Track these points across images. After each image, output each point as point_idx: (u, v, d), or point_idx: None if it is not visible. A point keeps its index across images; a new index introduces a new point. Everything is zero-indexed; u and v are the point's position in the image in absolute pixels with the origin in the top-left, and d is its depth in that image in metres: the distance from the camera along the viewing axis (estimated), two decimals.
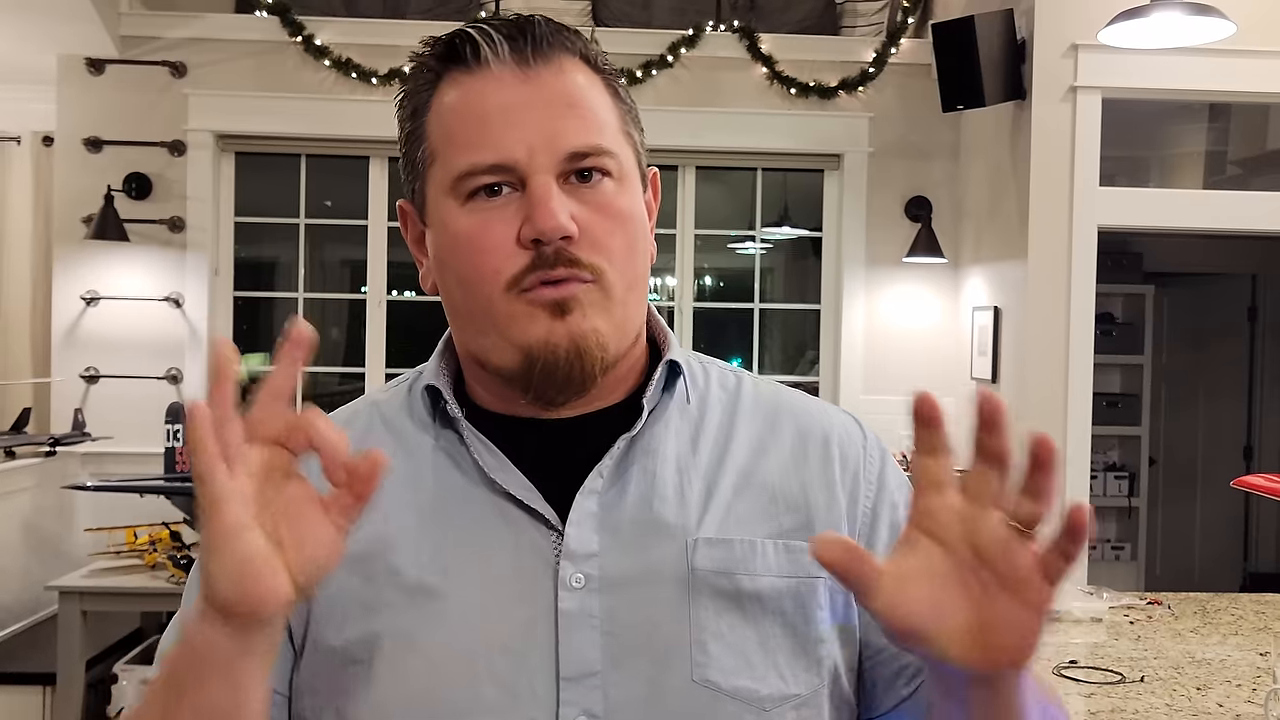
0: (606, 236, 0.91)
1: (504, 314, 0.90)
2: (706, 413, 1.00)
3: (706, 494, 0.95)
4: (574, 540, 0.91)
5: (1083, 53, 4.07)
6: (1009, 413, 0.74)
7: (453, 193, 0.91)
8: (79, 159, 4.74)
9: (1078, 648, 2.63)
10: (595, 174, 0.92)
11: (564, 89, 0.92)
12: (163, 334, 4.78)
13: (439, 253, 0.94)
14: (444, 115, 0.93)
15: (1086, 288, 4.16)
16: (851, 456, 1.01)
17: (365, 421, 1.01)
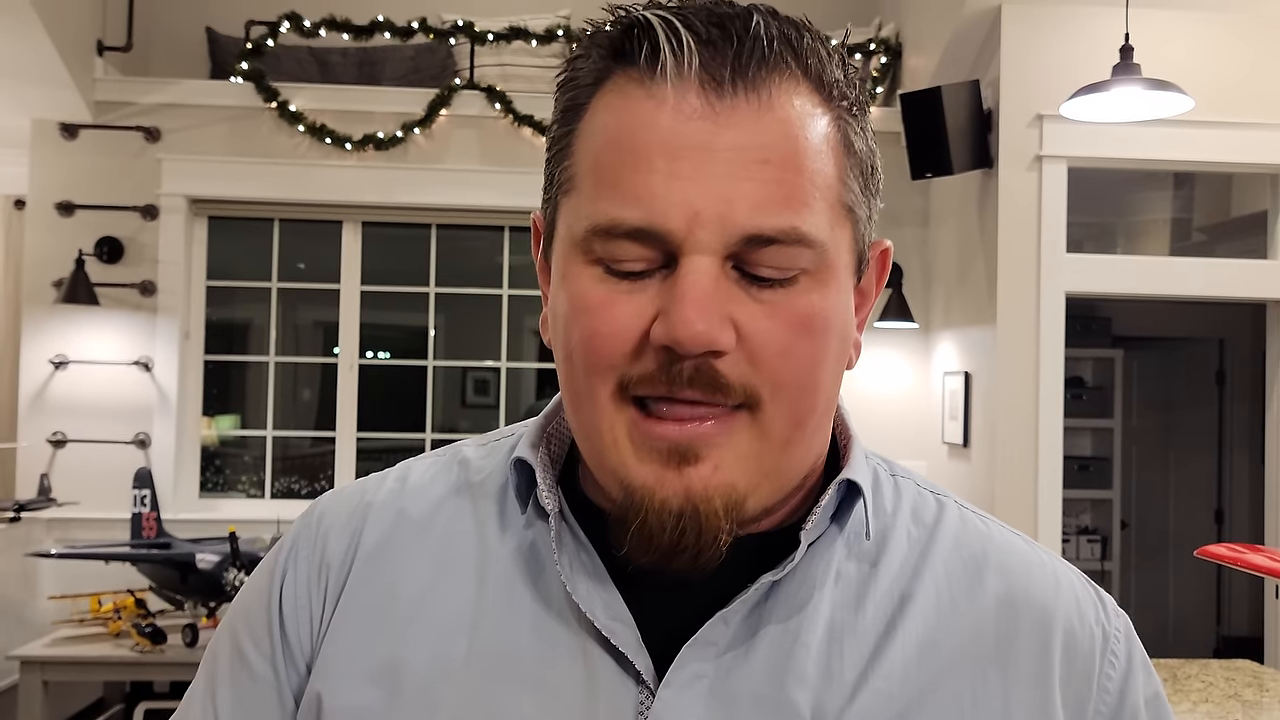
0: (777, 355, 0.65)
1: (608, 427, 0.66)
2: (885, 554, 0.73)
3: (862, 673, 0.69)
4: (669, 709, 0.66)
5: (1047, 123, 4.14)
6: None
7: (580, 246, 0.67)
8: (50, 223, 4.73)
9: None
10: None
11: (765, 134, 0.64)
12: (132, 398, 4.74)
13: (555, 308, 0.70)
14: (595, 134, 0.67)
15: (1055, 352, 4.19)
16: (1084, 649, 0.72)
17: (445, 488, 0.78)
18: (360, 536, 0.76)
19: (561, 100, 0.71)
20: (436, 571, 0.73)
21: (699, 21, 0.64)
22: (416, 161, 4.86)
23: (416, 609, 0.72)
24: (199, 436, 4.96)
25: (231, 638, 0.78)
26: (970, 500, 0.69)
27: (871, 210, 0.72)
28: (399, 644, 0.71)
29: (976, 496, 4.39)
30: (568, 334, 0.67)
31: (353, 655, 0.72)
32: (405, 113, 4.85)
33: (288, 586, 0.76)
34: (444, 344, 5.22)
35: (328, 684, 0.72)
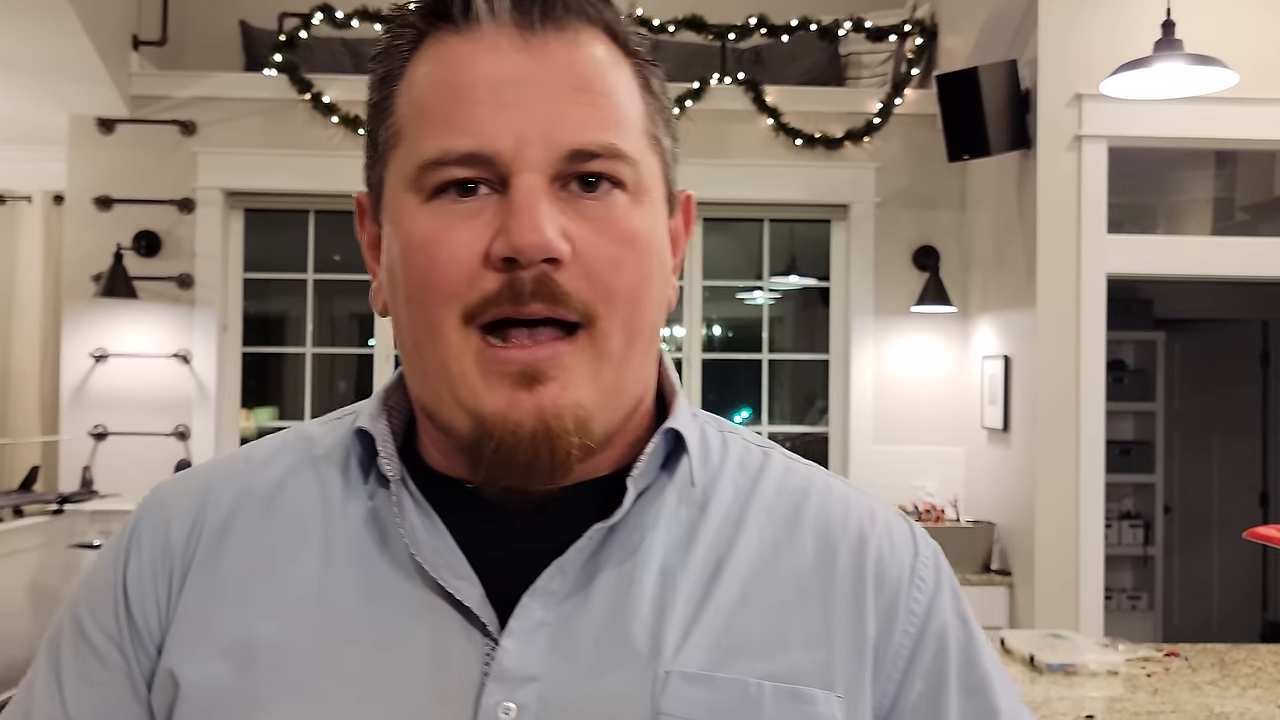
0: (609, 267, 0.69)
1: (455, 360, 0.69)
2: (713, 499, 0.77)
3: (694, 610, 0.72)
4: (511, 656, 0.69)
5: (1087, 102, 4.08)
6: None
7: (415, 185, 0.70)
8: (89, 217, 4.77)
9: (1095, 702, 2.59)
10: (604, 182, 0.70)
11: (576, 65, 0.70)
12: (171, 390, 4.78)
13: (389, 261, 0.73)
14: (417, 85, 0.71)
15: (1097, 335, 4.14)
16: (893, 575, 0.77)
17: (286, 466, 0.80)
18: (203, 516, 0.77)
19: (379, 70, 0.74)
20: (282, 545, 0.75)
21: None
22: None
23: (265, 583, 0.74)
24: (238, 428, 4.99)
25: (75, 625, 0.78)
26: (1012, 485, 0.67)
27: (674, 151, 0.77)
28: (249, 618, 0.73)
29: (1017, 482, 4.35)
30: (406, 276, 0.70)
31: (204, 632, 0.73)
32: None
33: (131, 572, 0.77)
34: None
35: (181, 662, 0.73)
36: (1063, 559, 4.13)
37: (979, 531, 4.55)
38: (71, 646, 0.77)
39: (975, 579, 4.45)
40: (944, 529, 4.56)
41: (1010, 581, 4.43)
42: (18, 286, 5.28)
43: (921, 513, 4.68)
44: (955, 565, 4.41)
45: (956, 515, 4.70)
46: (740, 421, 5.27)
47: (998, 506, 4.58)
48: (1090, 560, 4.13)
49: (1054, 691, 2.69)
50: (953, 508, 4.74)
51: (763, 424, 5.18)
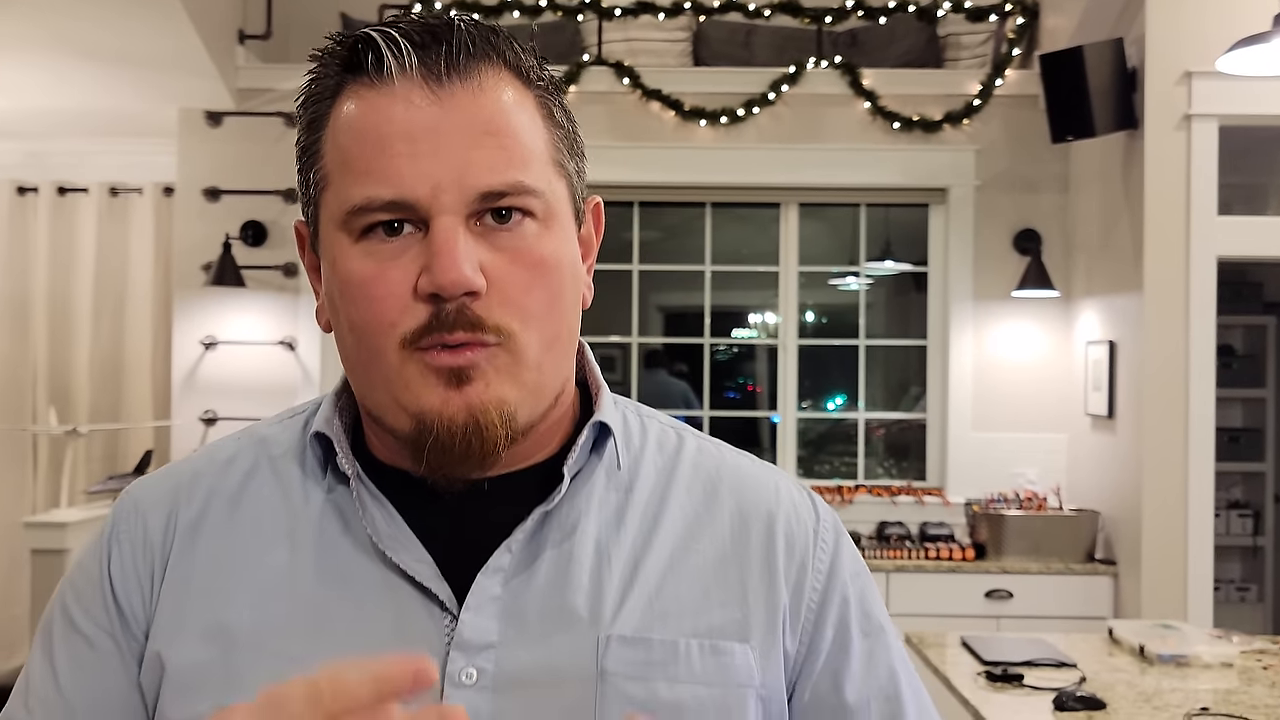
0: (521, 292, 0.77)
1: (397, 373, 0.77)
2: (638, 481, 0.87)
3: (627, 581, 0.82)
4: (469, 628, 0.78)
5: (1197, 80, 3.98)
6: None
7: (344, 227, 0.77)
8: (198, 208, 4.91)
9: (1208, 694, 2.53)
10: (515, 213, 0.78)
11: (482, 112, 0.77)
12: (277, 377, 4.90)
13: (330, 292, 0.81)
14: (341, 134, 0.78)
15: (1206, 319, 4.03)
16: (800, 542, 0.87)
17: (248, 465, 0.88)
18: (176, 515, 0.86)
19: (305, 115, 0.81)
20: (250, 539, 0.84)
21: (413, 31, 0.77)
22: None
23: (237, 575, 0.82)
24: None
25: (65, 617, 0.86)
26: (1117, 473, 0.70)
27: (580, 169, 0.85)
28: (225, 606, 0.81)
29: (1122, 469, 4.26)
30: (348, 309, 0.78)
31: (185, 619, 0.81)
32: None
33: (114, 565, 0.85)
34: None
35: (166, 645, 0.81)
36: (1170, 549, 4.05)
37: (1082, 520, 4.47)
38: (62, 636, 0.85)
39: (1078, 568, 4.37)
40: (1045, 517, 4.49)
41: (1115, 571, 4.35)
42: (130, 276, 5.45)
43: (1022, 501, 4.61)
44: (1058, 554, 4.35)
45: (1059, 503, 4.62)
46: (834, 408, 5.26)
47: (1102, 495, 4.50)
48: (1199, 550, 4.04)
49: (1165, 683, 2.64)
50: (1055, 496, 4.66)
51: (859, 411, 5.14)
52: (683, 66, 5.06)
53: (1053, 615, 4.27)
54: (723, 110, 4.87)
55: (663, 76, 4.89)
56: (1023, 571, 4.38)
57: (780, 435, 5.10)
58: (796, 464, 5.10)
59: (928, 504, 4.84)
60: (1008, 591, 4.36)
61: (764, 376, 5.36)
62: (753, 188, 5.03)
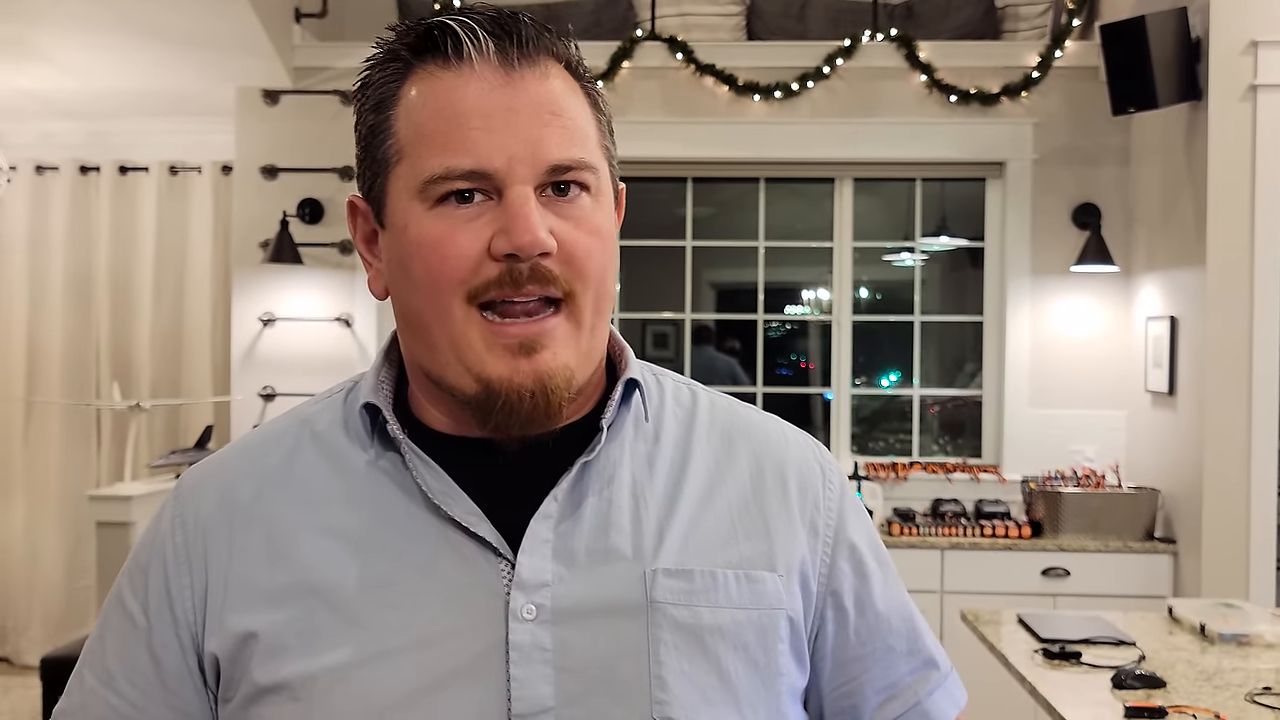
0: (584, 256, 0.86)
1: (461, 334, 0.85)
2: (662, 431, 0.96)
3: (663, 521, 0.91)
4: (526, 569, 0.86)
5: (1264, 49, 3.89)
6: None
7: (420, 195, 0.85)
8: (255, 186, 4.96)
9: (1271, 674, 2.50)
10: (574, 188, 0.87)
11: (548, 95, 0.86)
12: (334, 353, 4.95)
13: (397, 256, 0.88)
14: (415, 111, 0.86)
15: (1271, 294, 3.96)
16: (811, 486, 0.98)
17: (292, 442, 0.94)
18: (231, 494, 0.92)
19: (370, 97, 0.89)
20: (308, 507, 0.90)
21: (486, 21, 0.85)
22: None
23: (302, 540, 0.89)
24: None
25: (118, 597, 0.94)
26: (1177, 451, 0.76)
27: (615, 156, 0.93)
28: (295, 571, 0.87)
29: (1183, 447, 4.20)
30: (417, 266, 0.85)
31: (254, 589, 0.88)
32: (588, 66, 4.87)
33: (170, 551, 0.92)
34: (625, 297, 5.26)
35: (238, 617, 0.87)
36: (1232, 528, 3.99)
37: (1142, 498, 4.42)
38: (116, 614, 0.93)
39: (1137, 546, 4.32)
40: (1104, 495, 4.44)
41: (1175, 550, 4.29)
42: (189, 254, 5.54)
43: (1080, 478, 4.56)
44: (1116, 533, 4.31)
45: (1118, 481, 4.56)
46: (888, 385, 5.22)
47: (1161, 473, 4.44)
48: (1262, 529, 3.98)
49: (1227, 662, 2.61)
50: (1113, 473, 4.60)
51: (914, 387, 5.10)
52: (736, 41, 5.03)
53: (1111, 594, 4.23)
54: (776, 84, 4.84)
55: (716, 51, 4.86)
56: (1080, 550, 4.33)
57: (834, 412, 5.08)
58: (850, 440, 5.07)
59: (983, 481, 4.80)
60: (1064, 570, 4.32)
61: (817, 353, 5.34)
62: (807, 163, 5.00)
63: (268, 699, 0.85)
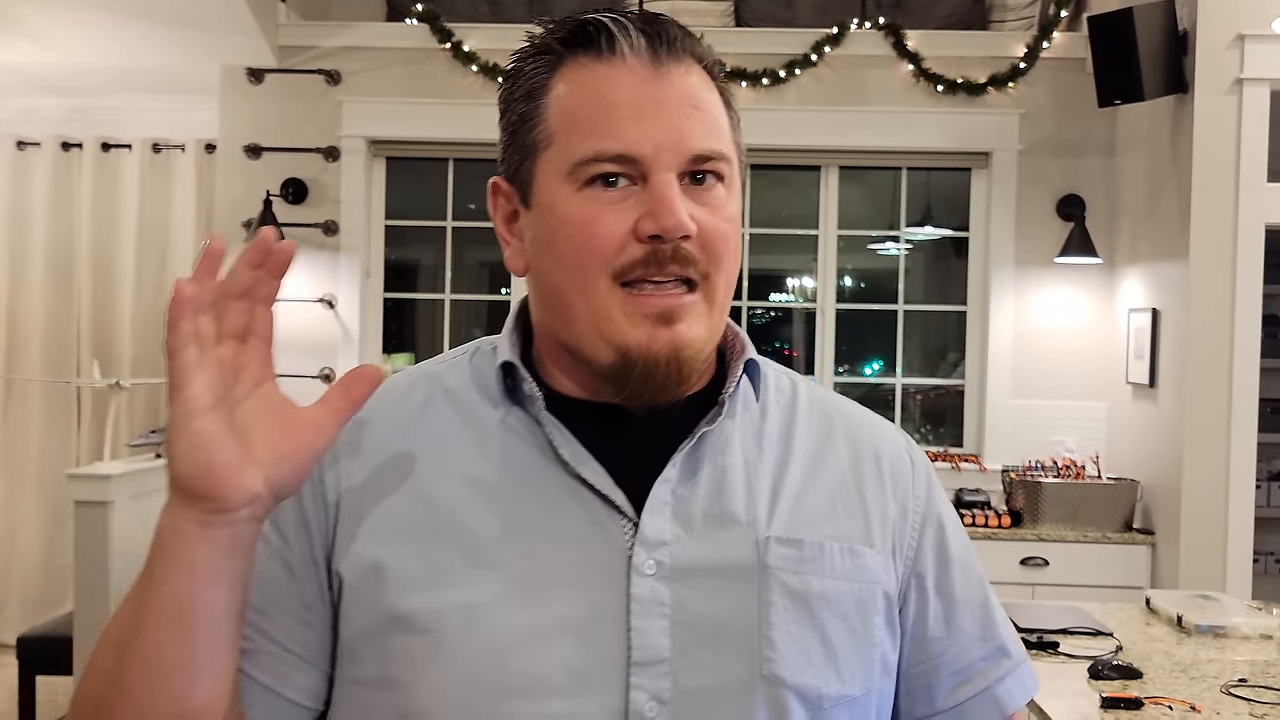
0: (720, 241, 0.92)
1: (603, 307, 0.90)
2: (767, 412, 1.02)
3: (774, 493, 0.96)
4: (649, 528, 0.91)
5: (1250, 43, 3.90)
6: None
7: (569, 177, 0.90)
8: (239, 165, 4.93)
9: (1246, 666, 2.52)
10: (710, 178, 0.92)
11: (691, 90, 0.92)
12: (317, 334, 4.93)
13: (543, 234, 0.93)
14: (567, 99, 0.92)
15: (1253, 288, 3.98)
16: (902, 472, 1.04)
17: (424, 394, 0.99)
18: (366, 431, 0.96)
19: (519, 87, 0.95)
20: (441, 454, 0.95)
21: (635, 20, 0.92)
22: None
23: (435, 483, 0.93)
24: None
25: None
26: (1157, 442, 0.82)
27: (743, 151, 1.00)
28: (431, 511, 0.92)
29: (1163, 439, 4.22)
30: (564, 243, 0.90)
31: (392, 523, 0.92)
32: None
33: (306, 485, 0.94)
34: None
35: (375, 548, 0.91)
36: (1210, 520, 4.02)
37: (1121, 489, 4.44)
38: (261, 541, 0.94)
39: (1116, 537, 4.35)
40: (1084, 486, 4.46)
41: (1153, 541, 4.32)
42: (172, 232, 5.50)
43: (1060, 469, 4.59)
44: (1095, 523, 4.33)
45: (1098, 472, 4.59)
46: (871, 374, 5.23)
47: (1141, 464, 4.46)
48: (1239, 521, 4.00)
49: (1203, 653, 2.63)
50: (1094, 464, 4.63)
51: (896, 377, 5.12)
52: (724, 27, 5.02)
53: (1089, 584, 4.25)
54: (764, 71, 4.83)
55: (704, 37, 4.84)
56: (1059, 540, 4.36)
57: None
58: None
59: (964, 470, 4.82)
60: (1043, 559, 4.34)
61: (801, 341, 5.34)
62: (793, 150, 4.99)
63: (394, 629, 0.89)
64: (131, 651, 0.83)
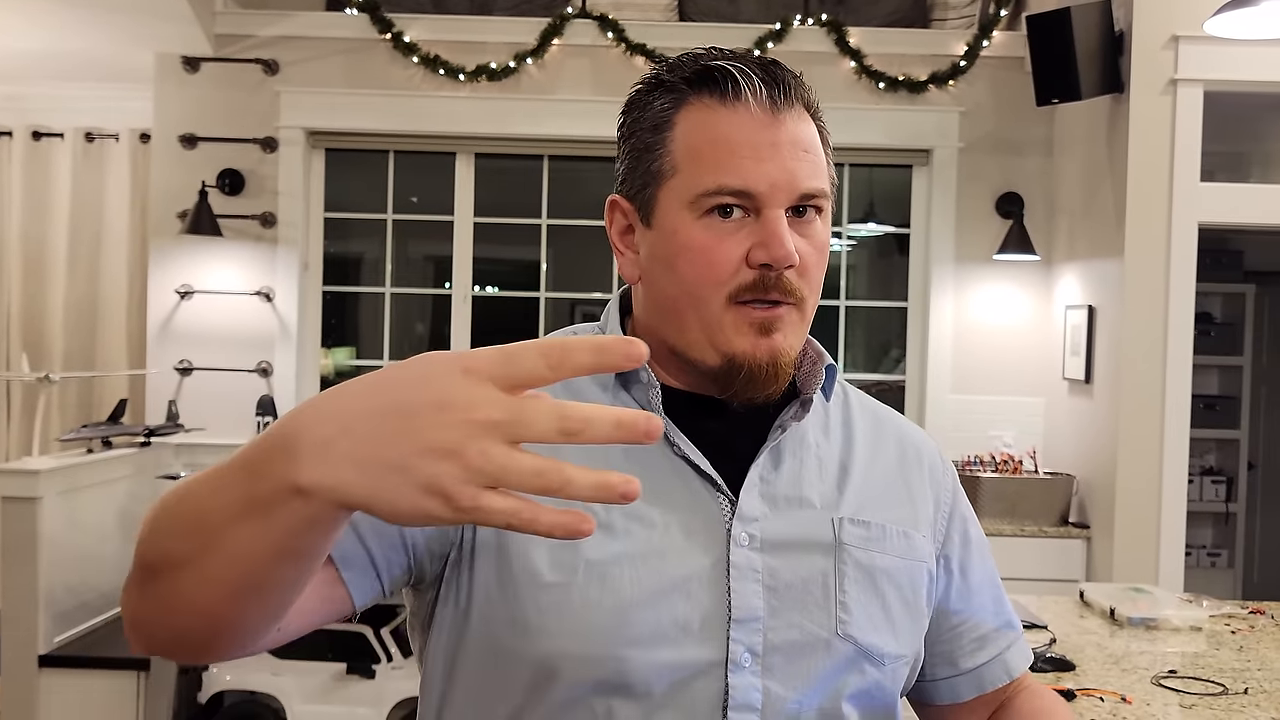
0: (814, 268, 1.06)
1: (716, 320, 1.03)
2: (830, 410, 1.18)
3: (841, 480, 1.12)
4: (745, 505, 1.06)
5: (1184, 44, 3.96)
6: None
7: (691, 205, 1.03)
8: (174, 155, 4.84)
9: (1176, 657, 2.55)
10: (811, 211, 1.05)
11: (802, 135, 1.04)
12: (254, 327, 4.86)
13: (662, 253, 1.06)
14: (693, 135, 1.04)
15: (1186, 286, 4.04)
16: (936, 469, 1.22)
17: None
18: None
19: (646, 120, 1.07)
20: None
21: (755, 67, 1.04)
22: (529, 92, 4.85)
23: (562, 454, 0.94)
24: (319, 366, 5.07)
25: None
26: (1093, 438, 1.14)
27: (835, 183, 1.10)
28: None
29: (1098, 434, 4.28)
30: (684, 265, 1.04)
31: None
32: (518, 43, 4.84)
33: None
34: (554, 276, 5.22)
35: None
36: (1144, 513, 4.07)
37: (1057, 484, 4.50)
38: None
39: (1052, 531, 4.40)
40: (1021, 480, 4.51)
41: (1088, 535, 4.37)
42: (106, 223, 5.39)
43: (998, 463, 4.63)
44: (1032, 517, 4.37)
45: (1035, 466, 4.64)
46: None
47: (1077, 459, 4.52)
48: (1172, 515, 4.07)
49: (1135, 645, 2.66)
50: (1030, 459, 4.68)
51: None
52: (668, 21, 5.01)
53: (1026, 577, 4.30)
54: None
55: (648, 31, 4.83)
56: (997, 534, 4.40)
57: None
58: None
59: None
60: None
61: None
62: None
63: (527, 581, 1.00)
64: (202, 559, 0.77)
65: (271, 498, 0.70)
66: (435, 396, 0.65)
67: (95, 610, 4.17)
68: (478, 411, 0.64)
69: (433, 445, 0.64)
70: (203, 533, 0.75)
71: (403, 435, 0.65)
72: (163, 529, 0.81)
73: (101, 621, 4.16)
